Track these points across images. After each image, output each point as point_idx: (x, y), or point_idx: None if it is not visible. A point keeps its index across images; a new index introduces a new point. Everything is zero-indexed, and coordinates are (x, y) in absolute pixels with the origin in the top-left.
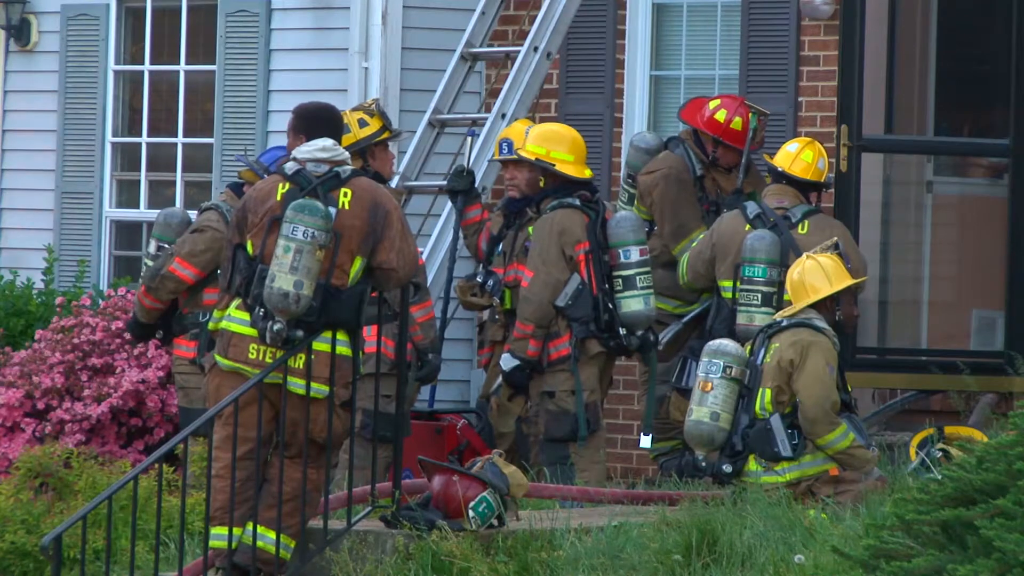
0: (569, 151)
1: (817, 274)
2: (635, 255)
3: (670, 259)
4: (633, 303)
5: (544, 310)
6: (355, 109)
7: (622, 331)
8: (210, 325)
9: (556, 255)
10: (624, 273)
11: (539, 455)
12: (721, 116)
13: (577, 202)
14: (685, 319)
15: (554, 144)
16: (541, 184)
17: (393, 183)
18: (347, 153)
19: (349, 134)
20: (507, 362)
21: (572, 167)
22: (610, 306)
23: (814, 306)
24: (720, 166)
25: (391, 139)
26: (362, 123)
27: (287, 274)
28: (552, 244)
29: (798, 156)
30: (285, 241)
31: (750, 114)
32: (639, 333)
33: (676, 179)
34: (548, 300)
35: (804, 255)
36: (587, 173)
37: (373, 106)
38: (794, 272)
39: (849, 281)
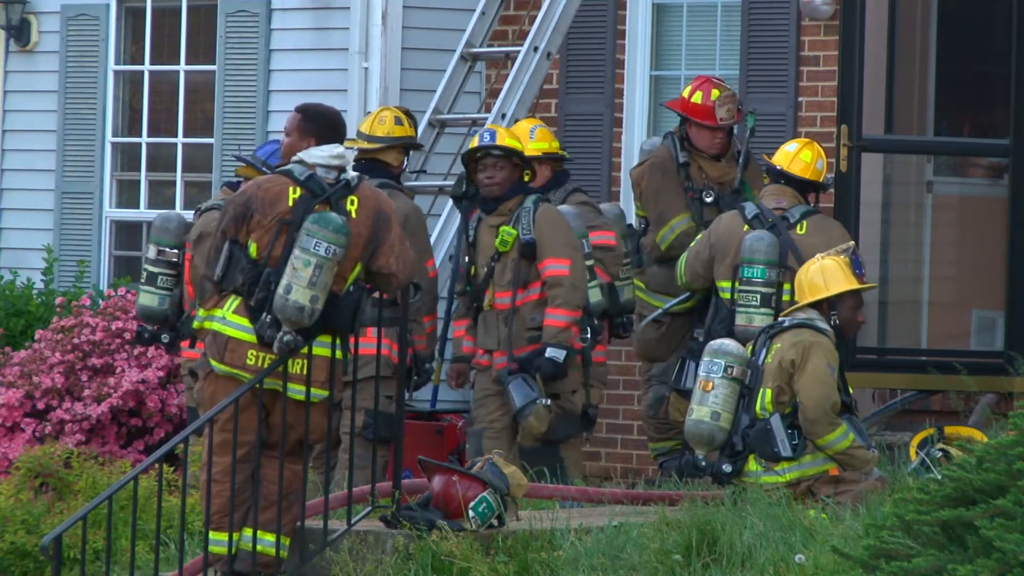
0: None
1: (817, 276)
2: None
3: (663, 255)
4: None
5: (585, 297)
6: (398, 108)
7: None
8: (195, 324)
9: (577, 243)
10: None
11: (524, 455)
12: (685, 93)
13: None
14: (666, 307)
15: (526, 140)
16: (527, 178)
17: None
18: (351, 159)
19: (402, 126)
20: (559, 354)
21: None
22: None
23: (815, 307)
24: (698, 149)
25: (414, 149)
26: (409, 123)
27: (305, 288)
28: (571, 232)
29: (797, 156)
30: (305, 255)
31: (715, 91)
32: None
33: (660, 167)
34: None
35: (817, 256)
36: None
37: (406, 114)
38: (801, 272)
39: (847, 286)
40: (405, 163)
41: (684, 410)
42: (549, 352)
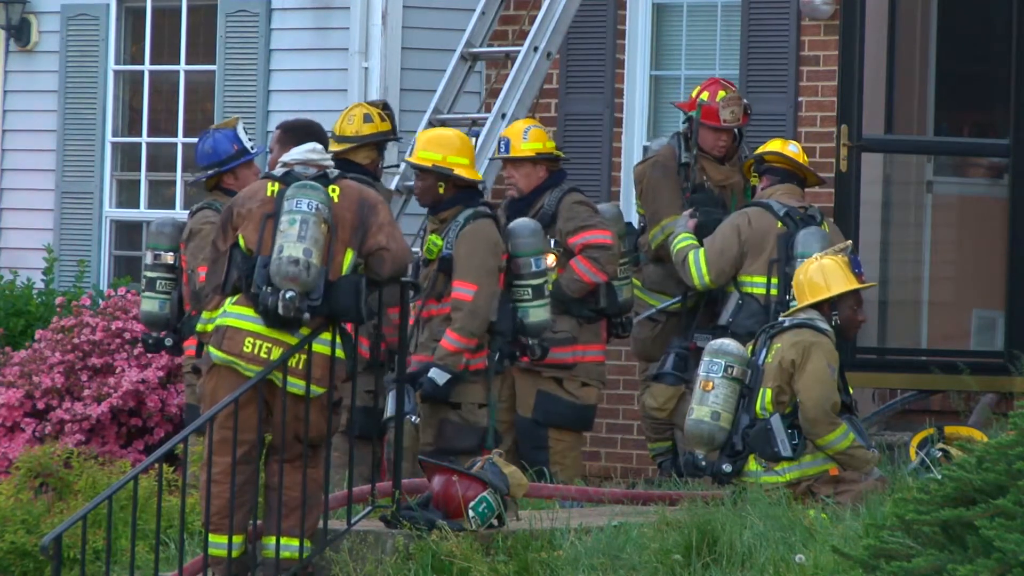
0: (462, 154)
1: (817, 276)
2: (543, 263)
3: (655, 254)
4: (543, 312)
5: (486, 324)
6: (371, 103)
7: (530, 341)
8: (198, 327)
9: (494, 266)
10: (534, 283)
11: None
12: (694, 92)
13: (489, 210)
14: (661, 306)
15: (447, 149)
16: (440, 191)
17: (393, 184)
18: (331, 160)
19: (372, 123)
20: (440, 376)
21: (467, 171)
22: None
23: (815, 307)
24: (702, 150)
25: (393, 141)
26: (382, 117)
27: (295, 243)
28: (489, 255)
29: (802, 158)
30: (289, 216)
31: (721, 91)
32: (539, 341)
33: (661, 166)
34: (489, 314)
35: (814, 255)
36: (478, 176)
37: (383, 108)
38: (799, 273)
39: (848, 286)
40: (380, 159)
41: (657, 395)
42: (432, 372)
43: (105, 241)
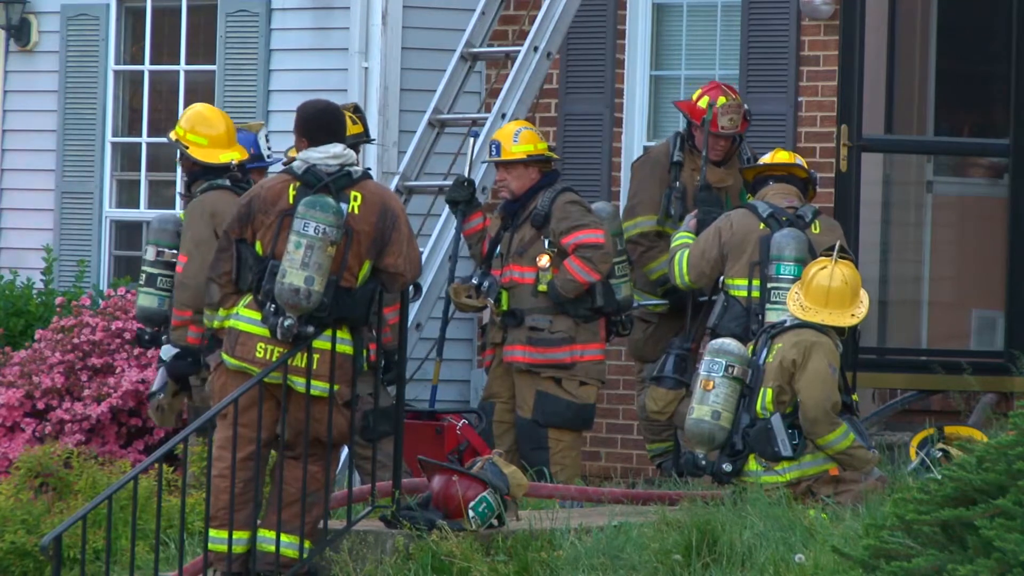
0: (203, 135)
1: (846, 289)
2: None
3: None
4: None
5: (200, 296)
6: (342, 107)
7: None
8: (215, 324)
9: (209, 236)
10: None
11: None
12: (695, 95)
13: (228, 183)
14: (643, 303)
15: (187, 124)
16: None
17: (393, 183)
18: (355, 156)
19: (356, 125)
20: (167, 352)
21: (204, 152)
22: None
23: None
24: (697, 149)
25: (366, 143)
26: (354, 120)
27: (298, 270)
28: (205, 226)
29: (795, 159)
30: (296, 237)
31: (721, 98)
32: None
33: (652, 162)
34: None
35: (831, 260)
36: (223, 158)
37: (353, 111)
38: (823, 277)
39: (844, 322)
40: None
41: (657, 399)
42: (163, 350)
43: (105, 241)
